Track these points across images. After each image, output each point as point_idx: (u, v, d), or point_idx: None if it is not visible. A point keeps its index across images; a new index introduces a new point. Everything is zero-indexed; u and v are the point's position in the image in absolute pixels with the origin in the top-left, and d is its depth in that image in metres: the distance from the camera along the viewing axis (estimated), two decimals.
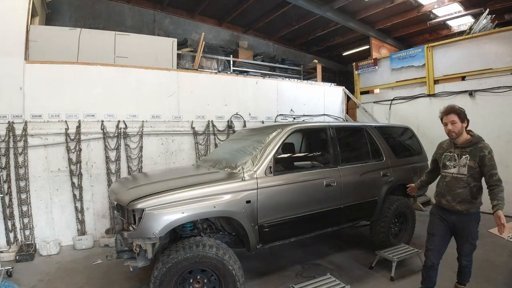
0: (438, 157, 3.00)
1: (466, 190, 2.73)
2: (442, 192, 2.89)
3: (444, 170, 2.88)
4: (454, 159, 2.80)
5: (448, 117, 2.75)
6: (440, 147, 3.01)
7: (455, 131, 2.74)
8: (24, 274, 3.74)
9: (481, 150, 2.70)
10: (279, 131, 3.55)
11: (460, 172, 2.75)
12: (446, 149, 2.91)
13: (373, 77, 8.27)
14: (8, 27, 4.45)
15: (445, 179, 2.86)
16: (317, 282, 3.03)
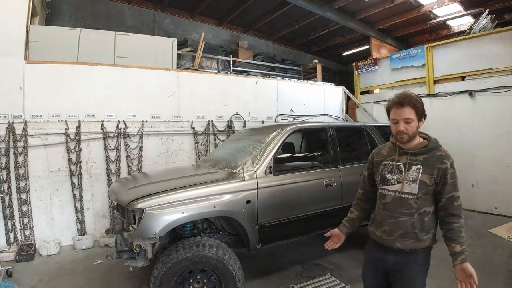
0: (375, 169, 2.02)
1: (413, 219, 1.82)
2: (377, 219, 1.97)
3: (382, 186, 1.94)
4: (399, 170, 1.87)
5: (402, 111, 1.84)
6: (378, 154, 2.05)
7: (408, 133, 1.85)
8: (24, 274, 3.74)
9: (441, 161, 1.82)
10: (279, 131, 3.55)
11: (407, 190, 1.82)
12: (387, 156, 1.98)
13: (373, 77, 8.27)
14: (8, 27, 4.45)
15: (383, 200, 1.93)
16: (317, 282, 3.04)
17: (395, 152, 1.94)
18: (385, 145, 2.08)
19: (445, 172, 1.80)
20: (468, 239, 4.73)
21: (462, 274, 1.67)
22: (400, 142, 1.90)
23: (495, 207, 5.91)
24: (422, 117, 1.95)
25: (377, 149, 2.11)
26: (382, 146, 2.10)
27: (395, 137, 1.92)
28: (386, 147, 2.06)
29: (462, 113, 6.37)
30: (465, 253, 1.71)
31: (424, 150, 1.88)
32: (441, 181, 1.80)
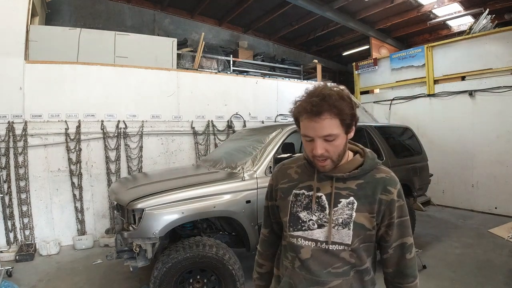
0: (280, 202, 1.27)
1: (349, 280, 1.19)
2: (291, 284, 1.19)
3: (294, 232, 1.19)
4: (321, 206, 1.16)
5: (319, 125, 1.07)
6: (284, 176, 1.30)
7: (331, 157, 1.12)
8: (24, 274, 3.74)
9: (383, 188, 1.18)
10: (279, 131, 3.55)
11: (336, 239, 1.14)
12: (298, 180, 1.24)
13: (373, 77, 8.27)
14: (8, 27, 4.45)
15: (298, 255, 1.17)
16: None
17: (311, 175, 1.18)
18: (295, 159, 1.30)
19: (391, 208, 1.16)
20: (468, 239, 4.77)
21: None
22: (322, 170, 1.15)
23: (495, 207, 5.91)
24: (352, 125, 1.13)
25: (281, 167, 1.31)
26: (290, 161, 1.31)
27: (312, 160, 1.15)
28: (295, 164, 1.27)
29: (462, 113, 6.37)
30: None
31: (357, 173, 1.17)
32: (385, 221, 1.19)
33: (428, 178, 4.99)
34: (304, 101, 1.10)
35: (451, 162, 6.46)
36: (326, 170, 1.14)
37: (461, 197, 6.39)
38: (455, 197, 6.47)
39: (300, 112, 1.11)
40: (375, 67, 8.10)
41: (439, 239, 4.65)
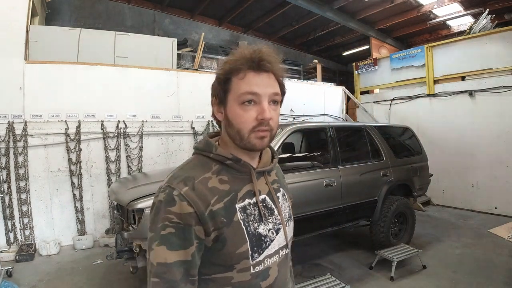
0: (224, 230, 0.85)
1: (292, 278, 1.10)
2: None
3: (258, 257, 0.90)
4: (269, 209, 0.97)
5: (267, 77, 0.89)
6: (208, 192, 0.86)
7: (272, 131, 0.92)
8: (24, 274, 3.74)
9: (281, 172, 1.19)
10: (279, 131, 3.55)
11: (289, 235, 1.02)
12: (232, 190, 0.90)
13: (373, 77, 8.27)
14: (8, 27, 4.45)
15: (264, 281, 0.92)
16: (317, 282, 3.03)
17: (244, 178, 0.94)
18: (200, 168, 0.91)
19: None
20: (468, 239, 4.77)
21: None
22: (254, 148, 0.90)
23: (495, 207, 5.91)
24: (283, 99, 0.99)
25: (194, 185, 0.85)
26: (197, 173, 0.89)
27: (247, 140, 0.88)
28: (209, 172, 0.90)
29: (462, 113, 6.37)
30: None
31: (276, 162, 1.07)
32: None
33: (428, 178, 5.00)
34: (243, 53, 0.88)
35: (451, 162, 6.46)
36: (263, 146, 0.91)
37: (461, 197, 6.39)
38: (455, 197, 6.47)
39: (241, 65, 0.86)
40: (375, 67, 8.10)
41: (439, 239, 4.65)
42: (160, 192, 0.86)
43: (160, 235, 0.80)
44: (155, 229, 0.82)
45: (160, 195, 0.85)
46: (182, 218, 0.81)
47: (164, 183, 0.88)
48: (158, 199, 0.85)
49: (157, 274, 0.79)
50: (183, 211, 0.81)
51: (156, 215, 0.83)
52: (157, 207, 0.84)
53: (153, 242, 0.81)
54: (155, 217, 0.83)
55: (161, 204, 0.83)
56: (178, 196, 0.82)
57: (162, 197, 0.84)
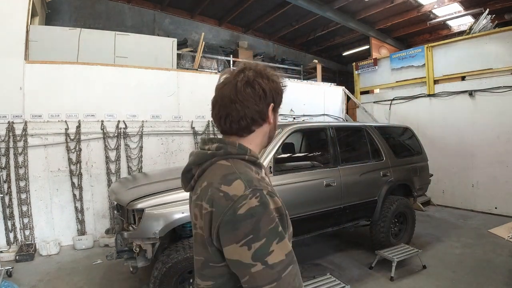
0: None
1: None
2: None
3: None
4: None
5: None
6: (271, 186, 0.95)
7: None
8: (24, 274, 3.74)
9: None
10: (279, 131, 3.55)
11: None
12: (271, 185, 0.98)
13: (373, 77, 8.27)
14: (8, 27, 4.45)
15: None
16: (317, 282, 3.03)
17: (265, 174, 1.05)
18: (246, 169, 0.92)
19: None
20: (468, 239, 4.76)
21: None
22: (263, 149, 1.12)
23: (495, 207, 5.91)
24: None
25: (259, 178, 0.91)
26: (253, 174, 0.92)
27: (271, 139, 1.09)
28: (254, 173, 0.93)
29: (462, 113, 6.37)
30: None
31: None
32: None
33: (428, 178, 5.00)
34: (278, 74, 1.05)
35: (451, 162, 6.46)
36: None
37: (461, 197, 6.39)
38: (455, 197, 6.47)
39: (284, 86, 1.06)
40: (375, 67, 8.09)
41: (439, 239, 4.65)
42: (247, 198, 0.81)
43: (278, 232, 0.82)
44: (269, 231, 0.80)
45: (250, 202, 0.81)
46: (279, 210, 0.87)
47: (243, 189, 0.82)
48: (250, 206, 0.80)
49: (291, 262, 0.83)
50: (278, 205, 0.87)
51: (261, 220, 0.80)
52: (258, 212, 0.80)
53: (272, 243, 0.79)
54: (260, 223, 0.79)
55: (260, 208, 0.81)
56: (268, 194, 0.86)
57: (256, 202, 0.81)
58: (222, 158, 0.94)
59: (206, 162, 0.95)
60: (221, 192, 0.84)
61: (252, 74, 0.96)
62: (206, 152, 0.96)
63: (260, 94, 0.96)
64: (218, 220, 0.82)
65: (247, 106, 0.94)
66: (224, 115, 0.96)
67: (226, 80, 0.98)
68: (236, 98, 0.94)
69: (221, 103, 0.97)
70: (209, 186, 0.88)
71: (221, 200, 0.82)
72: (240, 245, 0.78)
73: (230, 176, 0.87)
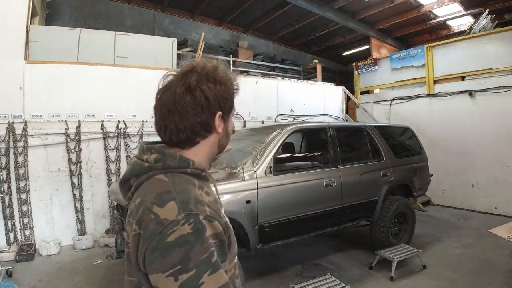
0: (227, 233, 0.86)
1: None
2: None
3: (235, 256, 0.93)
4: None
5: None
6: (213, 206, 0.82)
7: None
8: (24, 274, 3.74)
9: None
10: (279, 131, 3.55)
11: None
12: (215, 199, 0.89)
13: (373, 77, 8.27)
14: (8, 27, 4.45)
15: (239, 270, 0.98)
16: (317, 282, 3.03)
17: (209, 186, 0.93)
18: (187, 186, 0.82)
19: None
20: (468, 239, 4.76)
21: None
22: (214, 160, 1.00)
23: (495, 207, 5.91)
24: None
25: (207, 203, 0.81)
26: (194, 192, 0.81)
27: (222, 148, 0.98)
28: (197, 190, 0.83)
29: (462, 113, 6.37)
30: None
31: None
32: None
33: (428, 178, 5.00)
34: (233, 75, 0.94)
35: (451, 162, 6.46)
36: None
37: (461, 197, 6.39)
38: (455, 197, 6.47)
39: (238, 87, 0.95)
40: (375, 67, 8.09)
41: (439, 239, 4.65)
42: (179, 225, 0.71)
43: (211, 263, 0.72)
44: (201, 262, 0.71)
45: (181, 229, 0.71)
46: (218, 236, 0.77)
47: (175, 213, 0.73)
48: (181, 234, 0.71)
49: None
50: (216, 230, 0.77)
51: (192, 250, 0.70)
52: (189, 241, 0.71)
53: (203, 276, 0.70)
54: (191, 253, 0.70)
55: (193, 235, 0.72)
56: (206, 219, 0.75)
57: (188, 229, 0.72)
58: (160, 172, 0.82)
59: (143, 174, 0.83)
60: (152, 214, 0.73)
61: (195, 79, 0.84)
62: (143, 164, 0.84)
63: (202, 103, 0.84)
64: (145, 245, 0.72)
65: (187, 118, 0.83)
66: (163, 126, 0.86)
67: (168, 84, 0.88)
68: (174, 108, 0.83)
69: (160, 112, 0.87)
70: (141, 204, 0.78)
71: (151, 223, 0.72)
72: (166, 275, 0.69)
73: (165, 195, 0.76)
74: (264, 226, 3.12)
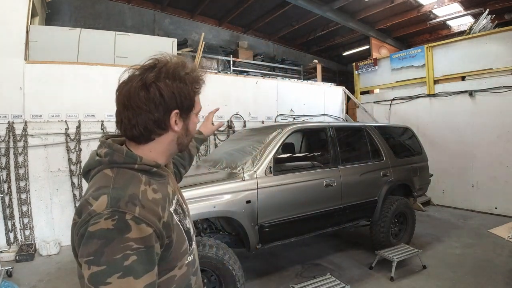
0: (174, 235, 0.88)
1: None
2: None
3: (189, 248, 0.97)
4: (180, 206, 1.02)
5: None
6: (155, 205, 0.83)
7: None
8: (24, 274, 3.74)
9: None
10: (279, 131, 3.55)
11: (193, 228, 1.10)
12: (164, 195, 0.91)
13: (373, 77, 8.27)
14: (8, 27, 4.45)
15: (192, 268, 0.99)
16: (317, 282, 3.03)
17: (164, 181, 0.96)
18: (129, 182, 0.84)
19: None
20: (468, 239, 4.76)
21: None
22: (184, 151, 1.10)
23: (495, 207, 5.91)
24: None
25: (144, 202, 0.80)
26: (133, 187, 0.82)
27: (183, 146, 0.97)
28: (141, 183, 0.85)
29: (462, 113, 6.37)
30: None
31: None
32: None
33: (428, 178, 5.00)
34: (199, 72, 1.00)
35: (451, 162, 6.46)
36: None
37: (461, 197, 6.39)
38: (455, 197, 6.47)
39: (201, 85, 1.01)
40: (375, 67, 8.10)
41: (439, 239, 4.65)
42: (102, 218, 0.72)
43: (123, 266, 0.70)
44: (112, 261, 0.70)
45: (103, 222, 0.72)
46: (144, 241, 0.74)
47: (103, 206, 0.74)
48: (101, 227, 0.71)
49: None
50: (143, 234, 0.75)
51: (108, 246, 0.70)
52: (107, 237, 0.71)
53: (111, 275, 0.69)
54: (105, 248, 0.70)
55: (112, 232, 0.72)
56: (133, 220, 0.74)
57: (110, 224, 0.72)
58: (107, 167, 0.85)
59: (94, 168, 0.88)
60: (89, 205, 0.76)
61: (153, 75, 0.84)
62: (94, 158, 0.88)
63: (156, 100, 0.84)
64: (76, 232, 0.76)
65: (139, 114, 0.84)
66: (119, 120, 0.87)
67: (128, 78, 0.89)
68: (128, 104, 0.84)
69: (117, 106, 0.88)
70: (84, 195, 0.82)
71: (84, 213, 0.75)
72: (84, 261, 0.72)
73: (102, 190, 0.79)
74: (264, 226, 3.13)
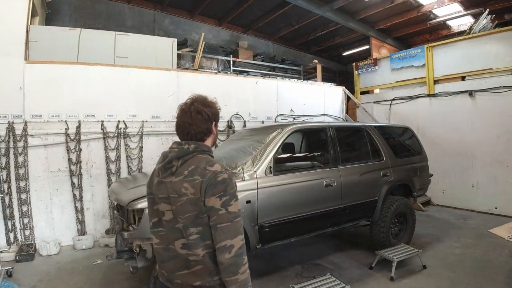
0: None
1: None
2: None
3: None
4: None
5: None
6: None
7: None
8: (24, 274, 3.74)
9: None
10: (279, 131, 3.55)
11: None
12: None
13: (373, 77, 8.27)
14: (8, 27, 4.45)
15: None
16: (317, 282, 3.03)
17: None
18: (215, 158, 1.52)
19: None
20: (468, 239, 4.77)
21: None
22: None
23: (495, 207, 5.91)
24: None
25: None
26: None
27: (215, 141, 1.61)
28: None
29: (462, 113, 6.37)
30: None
31: None
32: None
33: (428, 178, 5.00)
34: (215, 101, 1.57)
35: (451, 162, 6.46)
36: None
37: (461, 197, 6.39)
38: (455, 197, 6.47)
39: (218, 107, 1.58)
40: (375, 67, 8.10)
41: (439, 239, 4.65)
42: (223, 172, 1.34)
43: (235, 195, 1.35)
44: (233, 192, 1.34)
45: (225, 173, 1.35)
46: (236, 184, 1.40)
47: (220, 168, 1.35)
48: (226, 175, 1.34)
49: (240, 215, 1.34)
50: (235, 181, 1.41)
51: (230, 183, 1.34)
52: (230, 179, 1.35)
53: (233, 199, 1.33)
54: (230, 184, 1.34)
55: (229, 179, 1.35)
56: (231, 175, 1.39)
57: (228, 175, 1.36)
58: (199, 153, 1.43)
59: (187, 155, 1.40)
60: (208, 170, 1.34)
61: (200, 105, 1.45)
62: (187, 149, 1.41)
63: (206, 118, 1.45)
64: (206, 183, 1.31)
65: (200, 126, 1.44)
66: (186, 133, 1.46)
67: (182, 110, 1.47)
68: (192, 122, 1.43)
69: (182, 126, 1.46)
70: (197, 167, 1.35)
71: (208, 173, 1.33)
72: (216, 197, 1.30)
73: (211, 162, 1.39)
74: (264, 226, 3.12)
